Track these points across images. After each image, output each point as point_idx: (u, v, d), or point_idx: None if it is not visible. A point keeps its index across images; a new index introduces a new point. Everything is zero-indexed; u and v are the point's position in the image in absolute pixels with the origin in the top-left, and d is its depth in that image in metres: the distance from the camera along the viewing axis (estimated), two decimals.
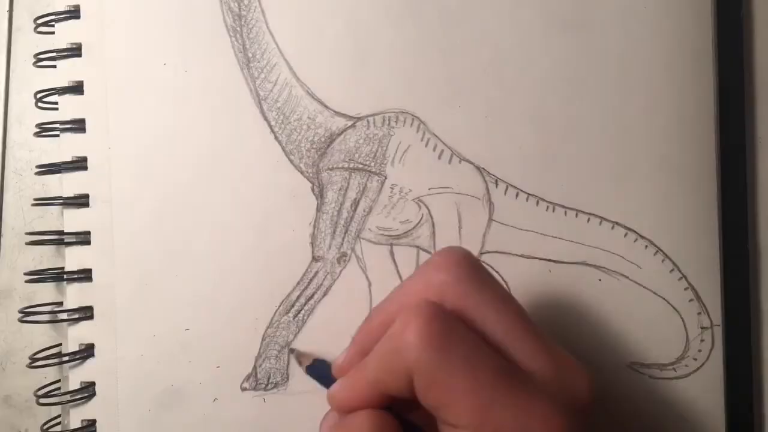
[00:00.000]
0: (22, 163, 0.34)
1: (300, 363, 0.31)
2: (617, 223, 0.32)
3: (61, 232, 0.32)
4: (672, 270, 0.32)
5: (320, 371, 0.29)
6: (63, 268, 0.32)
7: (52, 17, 0.32)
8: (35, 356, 0.31)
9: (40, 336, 0.33)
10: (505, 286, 0.31)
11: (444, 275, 0.23)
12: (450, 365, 0.21)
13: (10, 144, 0.34)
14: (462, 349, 0.22)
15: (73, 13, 0.32)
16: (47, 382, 0.32)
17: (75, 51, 0.32)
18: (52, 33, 0.32)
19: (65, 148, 0.32)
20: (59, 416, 0.32)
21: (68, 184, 0.32)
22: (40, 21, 0.32)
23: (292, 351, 0.31)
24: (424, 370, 0.22)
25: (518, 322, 0.23)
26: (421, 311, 0.22)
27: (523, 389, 0.22)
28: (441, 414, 0.22)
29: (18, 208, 0.34)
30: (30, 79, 0.34)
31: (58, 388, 0.32)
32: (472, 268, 0.24)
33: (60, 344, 0.32)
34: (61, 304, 0.32)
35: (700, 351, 0.32)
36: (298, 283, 0.31)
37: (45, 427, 0.31)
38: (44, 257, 0.33)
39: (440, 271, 0.24)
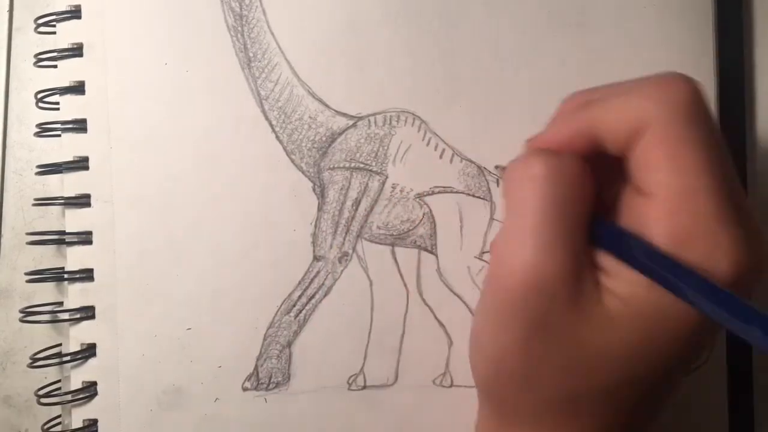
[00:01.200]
0: (22, 163, 0.34)
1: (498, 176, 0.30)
2: None
3: (62, 232, 0.32)
4: None
5: None
6: (63, 268, 0.32)
7: (53, 17, 0.32)
8: (36, 356, 0.31)
9: (40, 336, 0.33)
10: None
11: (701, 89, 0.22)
12: (688, 141, 0.20)
13: (10, 144, 0.34)
14: (707, 135, 0.21)
15: (74, 13, 0.32)
16: (48, 382, 0.32)
17: (76, 51, 0.32)
18: (53, 33, 0.32)
19: (66, 148, 0.32)
20: (60, 416, 0.32)
21: (69, 184, 0.32)
22: (41, 21, 0.32)
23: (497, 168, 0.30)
24: (664, 128, 0.20)
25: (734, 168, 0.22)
26: (692, 79, 0.21)
27: (733, 206, 0.20)
28: (643, 177, 0.21)
29: (18, 208, 0.34)
30: (30, 79, 0.34)
31: (59, 388, 0.32)
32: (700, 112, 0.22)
33: (60, 344, 0.32)
34: (61, 304, 0.32)
35: None
36: (300, 283, 0.31)
37: (46, 427, 0.31)
38: (44, 257, 0.33)
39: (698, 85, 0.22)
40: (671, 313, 0.20)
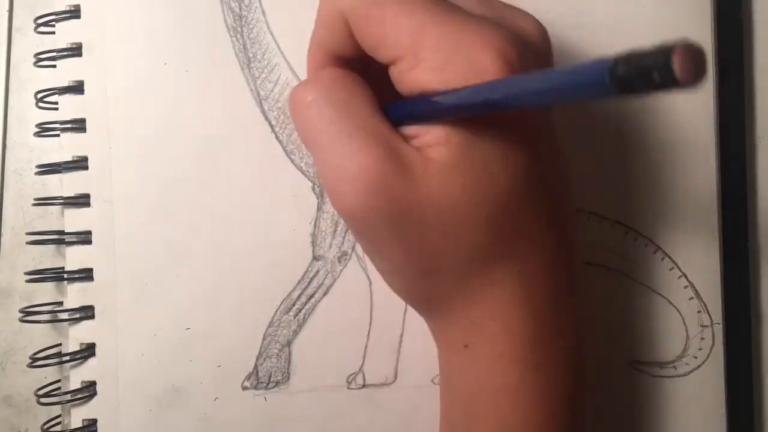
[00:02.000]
0: (22, 163, 0.34)
1: None
2: (617, 222, 0.32)
3: (61, 232, 0.32)
4: (672, 268, 0.32)
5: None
6: (63, 267, 0.32)
7: (53, 17, 0.32)
8: (35, 356, 0.31)
9: (40, 336, 0.33)
10: None
11: None
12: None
13: (10, 144, 0.34)
14: None
15: (74, 13, 0.32)
16: (47, 382, 0.32)
17: (75, 51, 0.32)
18: (53, 33, 0.32)
19: (66, 147, 0.32)
20: (59, 416, 0.32)
21: (69, 184, 0.32)
22: (40, 21, 0.32)
23: None
24: (356, 6, 0.22)
25: None
26: None
27: (458, 12, 0.22)
28: (382, 53, 0.22)
29: (18, 208, 0.34)
30: (30, 80, 0.34)
31: (59, 388, 0.32)
32: None
33: (60, 344, 0.32)
34: (61, 303, 0.32)
35: (700, 349, 0.32)
36: (299, 282, 0.31)
37: (45, 427, 0.31)
38: (44, 257, 0.33)
39: None
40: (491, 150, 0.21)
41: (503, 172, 0.22)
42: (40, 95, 0.32)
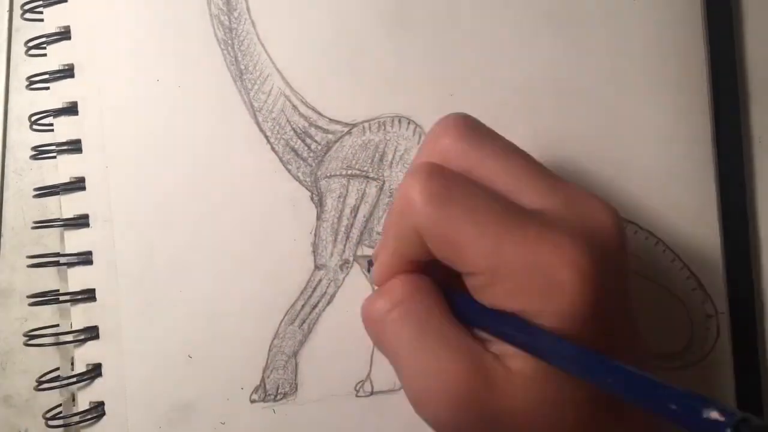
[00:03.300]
0: (22, 163, 0.34)
1: (361, 266, 0.31)
2: None
3: (61, 254, 0.31)
4: (674, 260, 0.32)
5: None
6: (59, 290, 0.31)
7: (43, 39, 0.32)
8: (41, 379, 0.31)
9: None
10: None
11: (443, 139, 0.23)
12: (454, 216, 0.21)
13: (10, 144, 0.34)
14: (464, 199, 0.21)
15: (64, 35, 0.32)
16: (55, 404, 0.32)
17: (68, 72, 0.32)
18: (44, 55, 0.32)
19: (62, 169, 0.32)
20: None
21: (67, 206, 0.32)
22: (31, 44, 0.32)
23: (355, 258, 0.32)
24: (430, 227, 0.22)
25: (524, 166, 0.23)
26: (420, 170, 0.22)
27: (532, 224, 0.21)
28: (458, 266, 0.22)
29: (18, 208, 0.34)
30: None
31: (60, 408, 0.32)
32: (469, 127, 0.24)
33: (58, 368, 0.32)
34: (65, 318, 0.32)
35: (705, 340, 0.32)
36: (302, 292, 0.31)
37: None
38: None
39: (439, 136, 0.24)
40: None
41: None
42: (34, 118, 0.32)
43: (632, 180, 0.32)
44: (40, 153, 0.32)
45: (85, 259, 0.31)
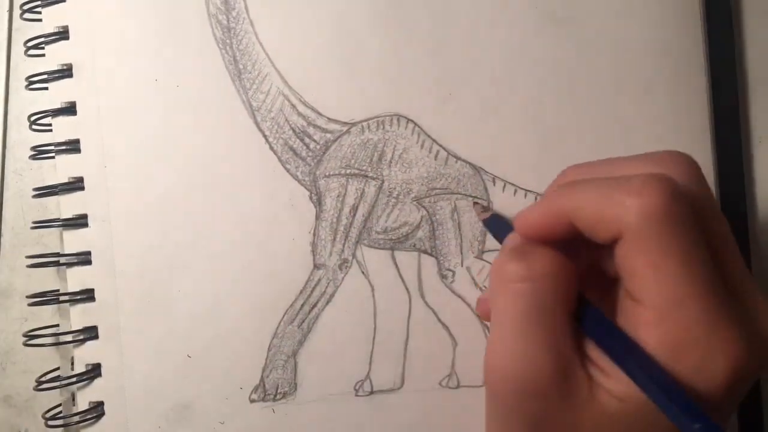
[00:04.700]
0: (22, 163, 0.34)
1: (478, 214, 0.31)
2: None
3: (61, 254, 0.31)
4: None
5: (496, 226, 0.29)
6: (59, 290, 0.31)
7: (42, 39, 0.32)
8: (41, 379, 0.31)
9: None
10: None
11: (694, 170, 0.22)
12: (668, 252, 0.20)
13: (10, 144, 0.34)
14: (687, 243, 0.20)
15: (62, 35, 0.32)
16: (55, 404, 0.32)
17: (66, 72, 0.32)
18: (43, 56, 0.32)
19: (61, 169, 0.32)
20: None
21: (66, 206, 0.32)
22: (30, 44, 0.32)
23: (475, 204, 0.31)
24: (641, 239, 0.20)
25: (737, 251, 0.22)
26: (671, 184, 0.21)
27: (724, 309, 0.20)
28: (628, 283, 0.21)
29: (18, 208, 0.34)
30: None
31: (59, 407, 0.32)
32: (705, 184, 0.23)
33: (58, 368, 0.32)
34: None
35: None
36: (301, 292, 0.31)
37: None
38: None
39: (690, 166, 0.22)
40: (664, 420, 0.20)
41: None
42: (33, 118, 0.32)
43: None
44: (39, 153, 0.32)
45: (84, 259, 0.31)
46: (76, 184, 0.31)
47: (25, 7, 0.32)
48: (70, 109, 0.32)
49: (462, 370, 0.31)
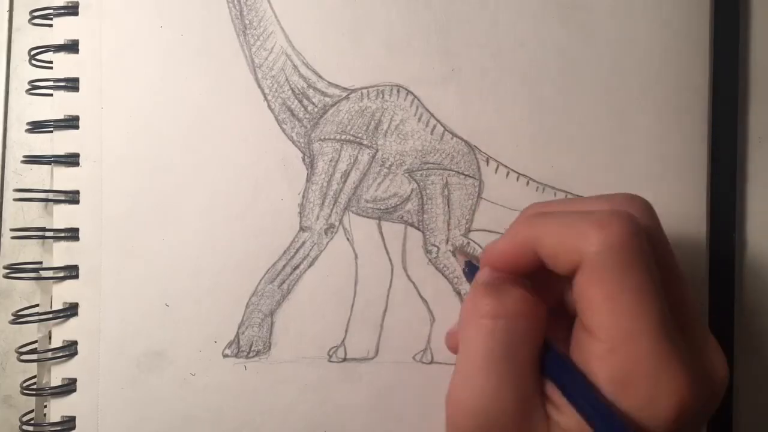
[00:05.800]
0: (22, 164, 0.34)
1: (458, 260, 0.31)
2: None
3: (49, 191, 0.31)
4: None
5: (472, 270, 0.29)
6: (45, 227, 0.31)
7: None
8: (19, 312, 0.31)
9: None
10: None
11: (651, 213, 0.24)
12: (624, 284, 0.21)
13: (10, 144, 0.34)
14: (643, 277, 0.21)
15: None
16: (29, 340, 0.32)
17: (72, 9, 0.32)
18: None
19: (57, 106, 0.32)
20: (35, 377, 0.31)
21: (59, 143, 0.32)
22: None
23: (454, 249, 0.31)
24: (599, 269, 0.21)
25: (688, 291, 0.23)
26: (633, 219, 0.21)
27: (673, 346, 0.21)
28: (583, 314, 0.22)
29: (18, 207, 0.34)
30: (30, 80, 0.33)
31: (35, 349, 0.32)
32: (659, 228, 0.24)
33: (38, 304, 0.32)
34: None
35: None
36: (285, 252, 0.31)
37: (24, 385, 0.31)
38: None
39: (647, 209, 0.24)
40: None
41: None
42: (33, 52, 0.32)
43: (625, 171, 0.32)
44: (35, 88, 0.32)
45: (72, 198, 0.31)
46: (71, 122, 0.31)
47: None
48: (72, 47, 0.31)
49: (437, 347, 0.31)
